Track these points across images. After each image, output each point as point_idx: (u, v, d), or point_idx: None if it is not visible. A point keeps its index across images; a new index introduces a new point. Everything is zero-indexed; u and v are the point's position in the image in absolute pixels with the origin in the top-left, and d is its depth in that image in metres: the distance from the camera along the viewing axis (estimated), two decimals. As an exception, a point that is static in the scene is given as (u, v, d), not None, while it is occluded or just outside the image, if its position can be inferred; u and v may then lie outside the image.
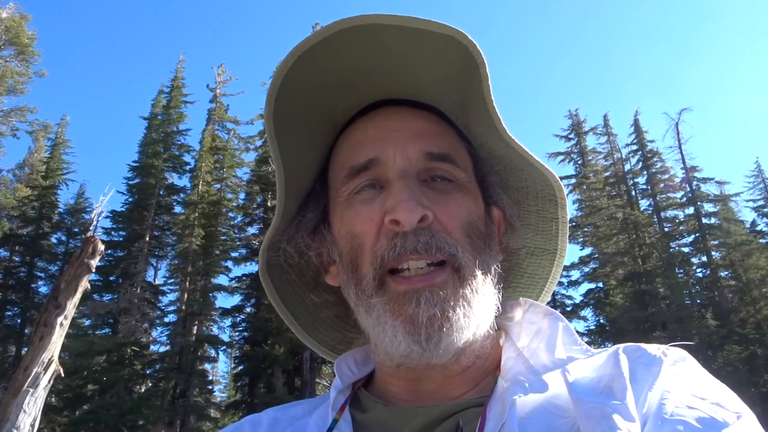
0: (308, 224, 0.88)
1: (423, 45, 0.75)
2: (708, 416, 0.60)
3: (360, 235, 0.77)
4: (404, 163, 0.78)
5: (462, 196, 0.79)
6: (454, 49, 0.74)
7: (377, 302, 0.75)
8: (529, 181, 0.88)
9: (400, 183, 0.75)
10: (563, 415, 0.68)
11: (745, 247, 27.24)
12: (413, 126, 0.82)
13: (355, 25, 0.72)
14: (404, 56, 0.77)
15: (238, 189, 32.19)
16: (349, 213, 0.79)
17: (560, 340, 0.77)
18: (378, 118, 0.84)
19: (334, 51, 0.75)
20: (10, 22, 28.03)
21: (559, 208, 0.88)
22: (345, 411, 0.79)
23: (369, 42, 0.75)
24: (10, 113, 28.98)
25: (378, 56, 0.78)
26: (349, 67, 0.79)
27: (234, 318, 28.89)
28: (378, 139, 0.80)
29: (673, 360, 0.70)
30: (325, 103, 0.83)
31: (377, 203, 0.77)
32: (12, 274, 29.58)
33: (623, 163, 33.08)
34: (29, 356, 6.04)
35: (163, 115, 32.08)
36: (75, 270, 6.35)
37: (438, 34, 0.73)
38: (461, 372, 0.78)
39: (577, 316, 28.96)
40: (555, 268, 0.94)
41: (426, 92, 0.84)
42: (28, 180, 34.20)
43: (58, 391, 23.05)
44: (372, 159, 0.79)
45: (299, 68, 0.76)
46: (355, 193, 0.80)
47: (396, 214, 0.73)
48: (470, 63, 0.75)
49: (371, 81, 0.82)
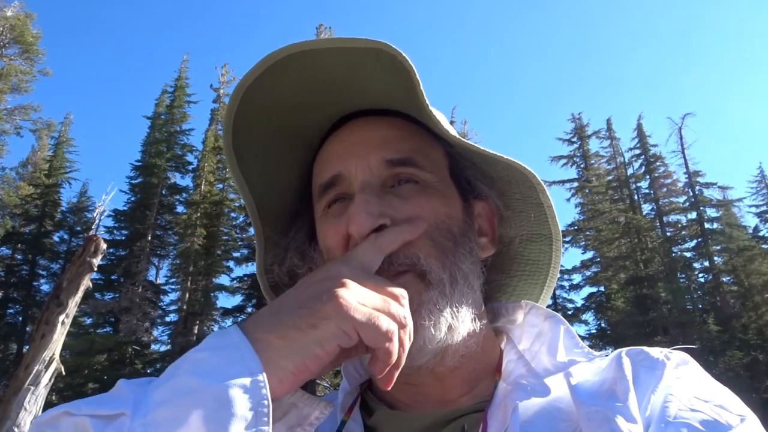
0: (296, 244, 0.90)
1: (360, 61, 0.76)
2: (711, 419, 0.60)
3: (331, 249, 0.79)
4: (365, 174, 0.79)
5: (426, 198, 0.79)
6: (387, 60, 0.75)
7: None
8: (505, 170, 0.87)
9: (359, 197, 0.76)
10: (566, 419, 0.68)
11: (748, 253, 27.19)
12: (375, 135, 0.82)
13: (288, 54, 0.74)
14: (349, 72, 0.79)
15: (240, 189, 32.16)
16: (323, 228, 0.82)
17: (562, 343, 0.77)
18: (344, 133, 0.85)
19: (282, 78, 0.77)
20: (15, 20, 28.13)
21: (539, 193, 0.87)
22: (354, 412, 0.80)
23: (313, 65, 0.77)
24: (14, 111, 29.06)
25: (326, 76, 0.79)
26: (303, 90, 0.81)
27: (235, 318, 28.88)
28: (341, 155, 0.82)
29: (675, 363, 0.70)
30: (291, 125, 0.85)
31: (344, 217, 0.77)
32: (14, 272, 29.64)
33: (626, 167, 33.06)
34: (30, 354, 6.05)
35: (167, 115, 32.16)
36: (77, 268, 6.36)
37: (365, 49, 0.74)
38: (451, 372, 0.78)
39: (578, 320, 28.92)
40: (554, 252, 0.93)
41: (384, 101, 0.85)
42: (31, 178, 34.28)
43: (59, 389, 23.06)
44: (336, 175, 0.81)
45: (251, 100, 0.78)
46: (328, 208, 0.82)
47: (349, 227, 0.74)
48: (404, 71, 0.75)
49: (330, 98, 0.83)
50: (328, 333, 0.59)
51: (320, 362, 0.59)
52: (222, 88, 33.82)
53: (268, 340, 0.59)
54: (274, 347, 0.59)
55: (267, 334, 0.60)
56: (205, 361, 0.57)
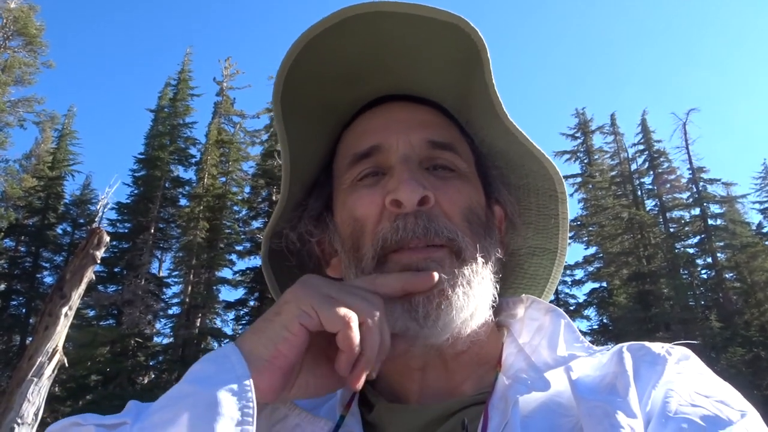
0: (312, 212, 0.88)
1: (426, 34, 0.75)
2: (712, 414, 0.60)
3: (362, 218, 0.78)
4: (407, 149, 0.78)
5: (463, 184, 0.79)
6: (456, 37, 0.74)
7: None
8: (530, 177, 0.88)
9: (402, 166, 0.76)
10: (566, 414, 0.68)
11: (751, 249, 27.11)
12: (417, 116, 0.83)
13: (360, 13, 0.73)
14: (408, 47, 0.78)
15: (243, 182, 32.24)
16: (352, 197, 0.80)
17: (562, 337, 0.77)
18: (382, 110, 0.85)
19: (339, 40, 0.76)
20: (18, 12, 28.10)
21: (559, 203, 0.87)
22: (353, 407, 0.79)
23: (373, 31, 0.76)
24: (17, 103, 29.06)
25: (382, 47, 0.78)
26: (354, 59, 0.80)
27: (237, 311, 28.96)
28: (381, 128, 0.81)
29: (677, 358, 0.70)
30: (330, 95, 0.84)
31: (380, 187, 0.77)
32: (17, 264, 29.73)
33: (629, 162, 32.96)
34: (33, 346, 6.07)
35: (170, 108, 32.13)
36: (80, 261, 6.37)
37: (441, 22, 0.73)
38: (456, 357, 0.78)
39: (580, 316, 28.92)
40: (556, 268, 0.94)
41: (429, 87, 0.84)
42: (35, 170, 34.33)
43: (62, 381, 23.17)
44: (375, 146, 0.80)
45: (306, 56, 0.76)
46: (358, 180, 0.81)
47: (397, 194, 0.73)
48: (472, 51, 0.76)
49: (375, 75, 0.83)
50: (290, 315, 0.65)
51: (291, 344, 0.64)
52: (225, 81, 33.75)
53: (247, 338, 0.66)
54: (252, 342, 0.65)
55: (247, 334, 0.67)
56: (200, 370, 0.63)
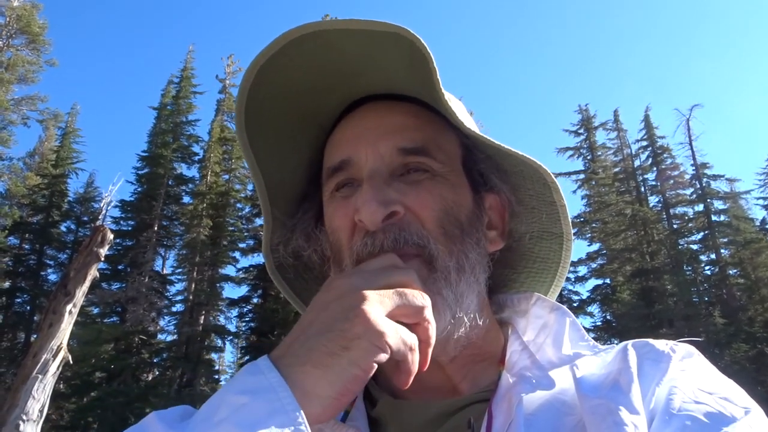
0: (304, 225, 0.90)
1: (375, 45, 0.75)
2: (716, 411, 0.60)
3: (337, 230, 0.80)
4: (375, 162, 0.78)
5: (435, 185, 0.78)
6: (404, 45, 0.74)
7: None
8: (519, 165, 0.86)
9: (367, 184, 0.76)
10: (570, 412, 0.68)
11: (755, 245, 27.04)
12: (389, 122, 0.81)
13: (304, 33, 0.74)
14: (364, 56, 0.78)
15: (246, 180, 32.25)
16: (330, 209, 0.82)
17: (567, 335, 0.76)
18: (356, 117, 0.84)
19: (295, 59, 0.77)
20: (21, 10, 28.14)
21: (552, 191, 0.86)
22: (358, 401, 0.79)
23: (326, 46, 0.76)
24: (21, 102, 29.13)
25: (339, 58, 0.78)
26: (316, 72, 0.80)
27: (241, 308, 29.05)
28: (353, 139, 0.81)
29: (681, 356, 0.70)
30: (303, 107, 0.84)
31: (352, 200, 0.77)
32: (22, 261, 29.83)
33: (633, 158, 32.89)
34: (38, 343, 6.09)
35: (173, 106, 32.18)
36: (84, 258, 6.39)
37: (383, 33, 0.73)
38: (450, 361, 0.78)
39: (583, 312, 28.91)
40: (565, 252, 0.93)
41: (399, 86, 0.84)
42: (38, 168, 34.40)
43: (67, 378, 23.27)
44: (344, 160, 0.80)
45: (264, 79, 0.77)
46: (336, 191, 0.82)
47: (360, 214, 0.74)
48: (422, 58, 0.74)
49: (345, 82, 0.83)
50: (362, 352, 0.58)
51: (360, 382, 0.58)
52: (228, 78, 33.78)
53: (305, 371, 0.58)
54: (313, 377, 0.58)
55: (303, 366, 0.58)
56: (245, 408, 0.56)
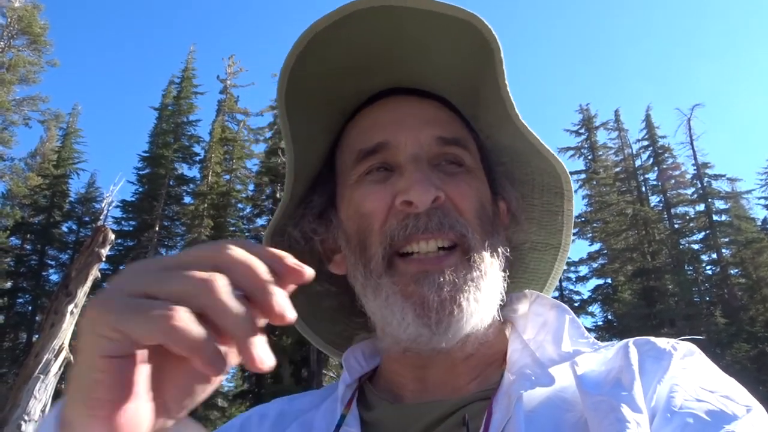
0: (315, 209, 0.87)
1: (438, 29, 0.75)
2: (717, 409, 0.60)
3: (369, 215, 0.77)
4: (416, 147, 0.77)
5: (471, 179, 0.79)
6: (468, 34, 0.74)
7: (386, 282, 0.74)
8: (536, 174, 0.88)
9: (413, 165, 0.75)
10: (570, 409, 0.68)
11: (756, 245, 27.02)
12: (424, 113, 0.82)
13: (372, 6, 0.72)
14: (419, 41, 0.77)
15: (247, 180, 32.29)
16: (359, 192, 0.79)
17: (567, 332, 0.76)
18: (389, 104, 0.84)
19: (349, 33, 0.75)
20: (23, 11, 28.16)
21: (565, 200, 0.87)
22: (352, 406, 0.78)
23: (385, 25, 0.75)
24: (22, 102, 29.16)
25: (393, 40, 0.77)
26: (363, 51, 0.79)
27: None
28: (389, 124, 0.80)
29: (682, 354, 0.69)
30: (334, 87, 0.83)
31: (388, 185, 0.76)
32: (23, 262, 29.85)
33: (634, 158, 32.87)
34: (40, 343, 6.10)
35: (174, 106, 32.20)
36: (85, 259, 6.40)
37: (454, 18, 0.73)
38: (465, 359, 0.77)
39: (584, 312, 28.89)
40: (558, 264, 0.93)
41: (436, 81, 0.84)
42: (40, 169, 34.42)
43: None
44: (382, 143, 0.79)
45: (313, 49, 0.75)
46: (365, 175, 0.80)
47: (409, 194, 0.72)
48: (485, 49, 0.75)
49: (383, 67, 0.82)
50: (88, 350, 0.45)
51: (107, 386, 0.43)
52: (228, 79, 33.78)
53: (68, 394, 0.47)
54: (69, 399, 0.47)
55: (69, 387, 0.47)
56: None
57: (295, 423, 0.82)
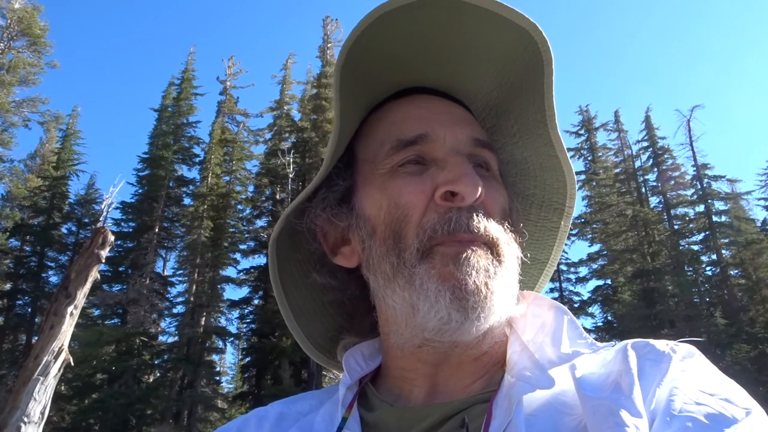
0: (337, 193, 0.83)
1: (493, 33, 0.74)
2: (717, 412, 0.60)
3: (406, 206, 0.75)
4: (454, 143, 0.77)
5: (498, 186, 0.79)
6: (521, 43, 0.73)
7: (422, 269, 0.72)
8: (539, 188, 0.87)
9: (457, 158, 0.75)
10: (570, 412, 0.67)
11: (756, 246, 27.02)
12: (457, 112, 0.82)
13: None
14: (468, 42, 0.77)
15: (246, 181, 32.32)
16: (394, 184, 0.77)
17: (566, 334, 0.75)
18: (418, 100, 0.83)
19: (412, 20, 0.74)
20: (22, 12, 28.18)
21: (564, 217, 0.87)
22: (353, 409, 0.77)
23: (443, 18, 0.74)
24: (22, 104, 29.15)
25: (444, 37, 0.77)
26: (419, 43, 0.78)
27: (242, 310, 29.05)
28: (426, 118, 0.79)
29: (681, 356, 0.69)
30: (381, 74, 0.82)
31: (426, 177, 0.75)
32: (23, 263, 29.84)
33: (633, 159, 32.89)
34: (39, 345, 6.09)
35: (174, 107, 32.21)
36: (85, 260, 6.39)
37: (513, 24, 0.72)
38: (478, 358, 0.77)
39: (584, 313, 28.90)
40: (542, 278, 0.93)
41: (469, 84, 0.84)
42: (39, 170, 34.44)
43: (68, 380, 23.27)
44: (422, 134, 0.77)
45: (375, 32, 0.73)
46: (398, 167, 0.78)
47: (458, 186, 0.72)
48: (535, 60, 0.74)
49: (426, 62, 0.81)
50: None
51: None
52: (228, 80, 33.80)
53: None
54: None
55: None
56: None
57: (295, 426, 0.81)
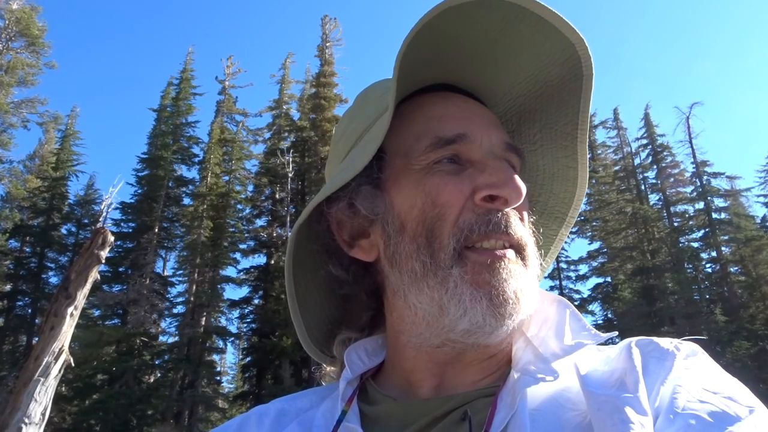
0: (371, 183, 0.81)
1: (540, 42, 0.74)
2: (720, 410, 0.60)
3: (443, 205, 0.74)
4: (490, 145, 0.77)
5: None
6: (564, 54, 0.73)
7: (457, 273, 0.72)
8: (544, 196, 0.87)
9: (497, 163, 0.75)
10: (574, 408, 0.68)
11: (756, 243, 27.06)
12: (489, 115, 0.81)
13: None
14: (517, 47, 0.77)
15: (246, 181, 32.34)
16: (432, 181, 0.76)
17: (568, 326, 0.76)
18: (455, 99, 0.82)
19: (467, 19, 0.74)
20: (20, 13, 28.16)
21: (563, 226, 0.87)
22: (353, 403, 0.78)
23: (495, 17, 0.74)
24: (20, 104, 29.16)
25: (498, 39, 0.76)
26: (467, 41, 0.78)
27: (242, 309, 29.09)
28: (465, 118, 0.79)
29: (685, 354, 0.69)
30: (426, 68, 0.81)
31: (466, 177, 0.75)
32: (23, 264, 29.85)
33: (633, 157, 32.92)
34: (40, 346, 6.09)
35: (173, 107, 32.21)
36: (85, 261, 6.39)
37: (562, 36, 0.73)
38: (489, 357, 0.77)
39: (584, 311, 28.91)
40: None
41: (501, 88, 0.84)
42: (39, 171, 34.46)
43: (68, 380, 23.29)
44: (461, 134, 0.77)
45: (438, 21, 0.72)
46: (434, 164, 0.77)
47: (503, 191, 0.72)
48: (572, 74, 0.75)
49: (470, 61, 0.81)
50: None
51: None
52: (227, 79, 33.81)
53: None
54: None
55: None
56: None
57: (295, 421, 0.82)
